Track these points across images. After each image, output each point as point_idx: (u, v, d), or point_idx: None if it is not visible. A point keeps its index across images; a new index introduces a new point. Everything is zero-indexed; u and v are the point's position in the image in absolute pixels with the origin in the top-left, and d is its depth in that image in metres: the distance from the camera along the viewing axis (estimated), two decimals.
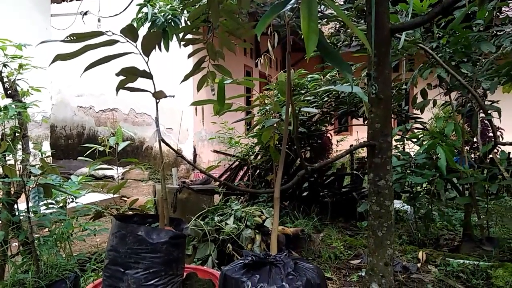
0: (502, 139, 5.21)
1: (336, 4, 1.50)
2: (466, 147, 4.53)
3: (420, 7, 3.02)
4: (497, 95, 3.23)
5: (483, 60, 3.22)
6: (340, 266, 2.94)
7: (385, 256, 1.85)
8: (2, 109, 2.18)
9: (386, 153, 1.85)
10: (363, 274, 2.67)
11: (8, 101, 2.33)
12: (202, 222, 2.84)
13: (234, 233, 2.73)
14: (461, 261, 2.80)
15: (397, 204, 4.09)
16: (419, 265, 2.84)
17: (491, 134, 5.25)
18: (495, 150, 3.17)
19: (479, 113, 3.35)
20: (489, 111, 3.13)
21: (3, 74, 2.32)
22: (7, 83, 2.35)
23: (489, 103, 3.38)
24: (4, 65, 2.32)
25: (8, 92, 2.36)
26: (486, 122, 4.47)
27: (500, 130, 5.62)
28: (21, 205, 2.28)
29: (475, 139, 4.72)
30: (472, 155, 5.20)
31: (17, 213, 2.26)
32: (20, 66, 2.34)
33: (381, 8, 1.78)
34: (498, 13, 3.23)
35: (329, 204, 4.13)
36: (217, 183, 3.89)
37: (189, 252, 2.70)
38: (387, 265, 1.85)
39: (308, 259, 2.93)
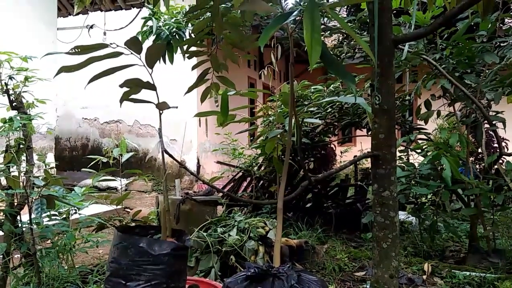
0: (507, 149, 5.18)
1: (340, 16, 1.51)
2: (471, 158, 4.50)
3: (423, 18, 3.03)
4: (501, 106, 3.22)
5: (487, 71, 3.22)
6: (344, 278, 2.91)
7: (390, 268, 1.82)
8: (7, 121, 2.20)
9: (391, 163, 1.84)
10: (367, 286, 2.64)
11: (13, 113, 2.35)
12: (205, 234, 2.82)
13: (237, 245, 2.71)
14: (467, 273, 2.76)
15: (402, 215, 4.05)
16: (424, 277, 2.80)
17: (496, 145, 5.22)
18: (500, 161, 3.14)
19: (483, 123, 3.34)
20: (493, 122, 3.12)
21: (8, 87, 2.35)
22: (13, 95, 2.38)
23: (494, 113, 3.37)
24: (10, 77, 2.34)
25: (14, 104, 2.38)
26: (491, 132, 4.44)
27: (505, 140, 5.58)
28: (24, 216, 2.28)
29: (480, 150, 4.68)
30: (477, 166, 5.16)
31: (19, 225, 2.26)
32: (26, 78, 2.37)
33: (384, 19, 1.79)
34: (501, 24, 3.24)
35: (333, 215, 4.10)
36: (221, 194, 3.88)
37: (191, 264, 2.68)
38: (392, 277, 1.82)
39: (312, 271, 2.89)
